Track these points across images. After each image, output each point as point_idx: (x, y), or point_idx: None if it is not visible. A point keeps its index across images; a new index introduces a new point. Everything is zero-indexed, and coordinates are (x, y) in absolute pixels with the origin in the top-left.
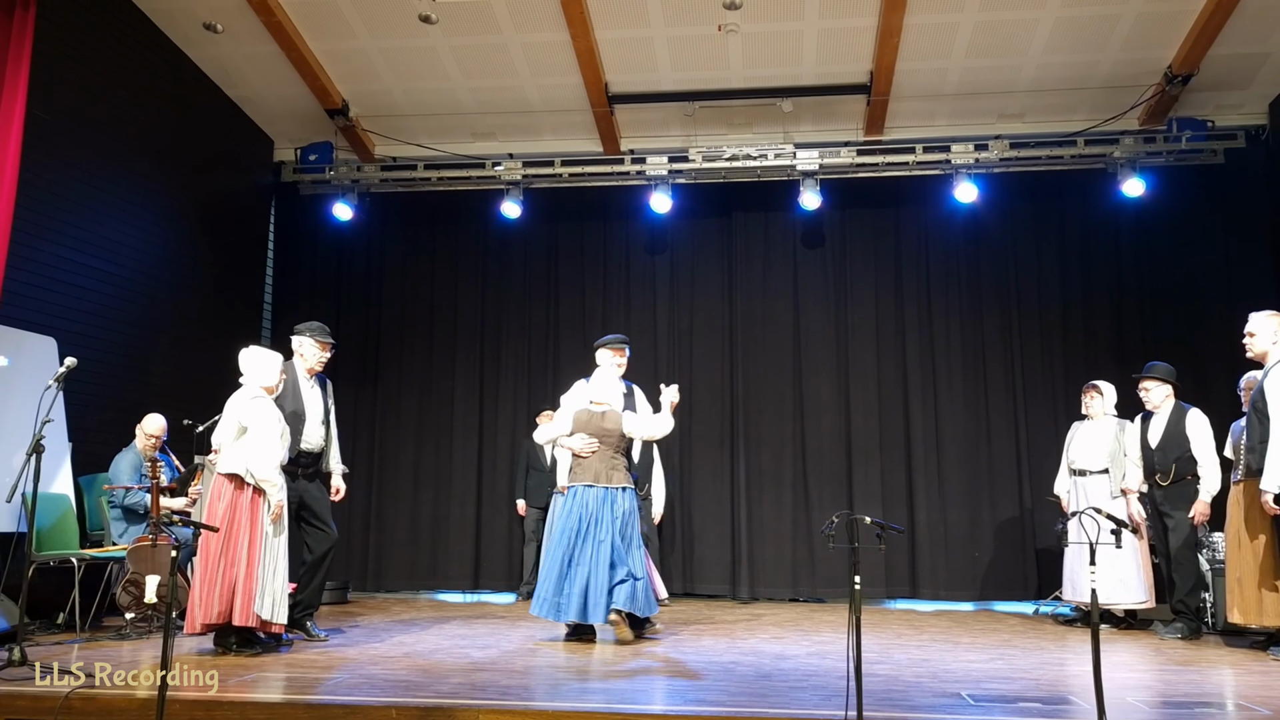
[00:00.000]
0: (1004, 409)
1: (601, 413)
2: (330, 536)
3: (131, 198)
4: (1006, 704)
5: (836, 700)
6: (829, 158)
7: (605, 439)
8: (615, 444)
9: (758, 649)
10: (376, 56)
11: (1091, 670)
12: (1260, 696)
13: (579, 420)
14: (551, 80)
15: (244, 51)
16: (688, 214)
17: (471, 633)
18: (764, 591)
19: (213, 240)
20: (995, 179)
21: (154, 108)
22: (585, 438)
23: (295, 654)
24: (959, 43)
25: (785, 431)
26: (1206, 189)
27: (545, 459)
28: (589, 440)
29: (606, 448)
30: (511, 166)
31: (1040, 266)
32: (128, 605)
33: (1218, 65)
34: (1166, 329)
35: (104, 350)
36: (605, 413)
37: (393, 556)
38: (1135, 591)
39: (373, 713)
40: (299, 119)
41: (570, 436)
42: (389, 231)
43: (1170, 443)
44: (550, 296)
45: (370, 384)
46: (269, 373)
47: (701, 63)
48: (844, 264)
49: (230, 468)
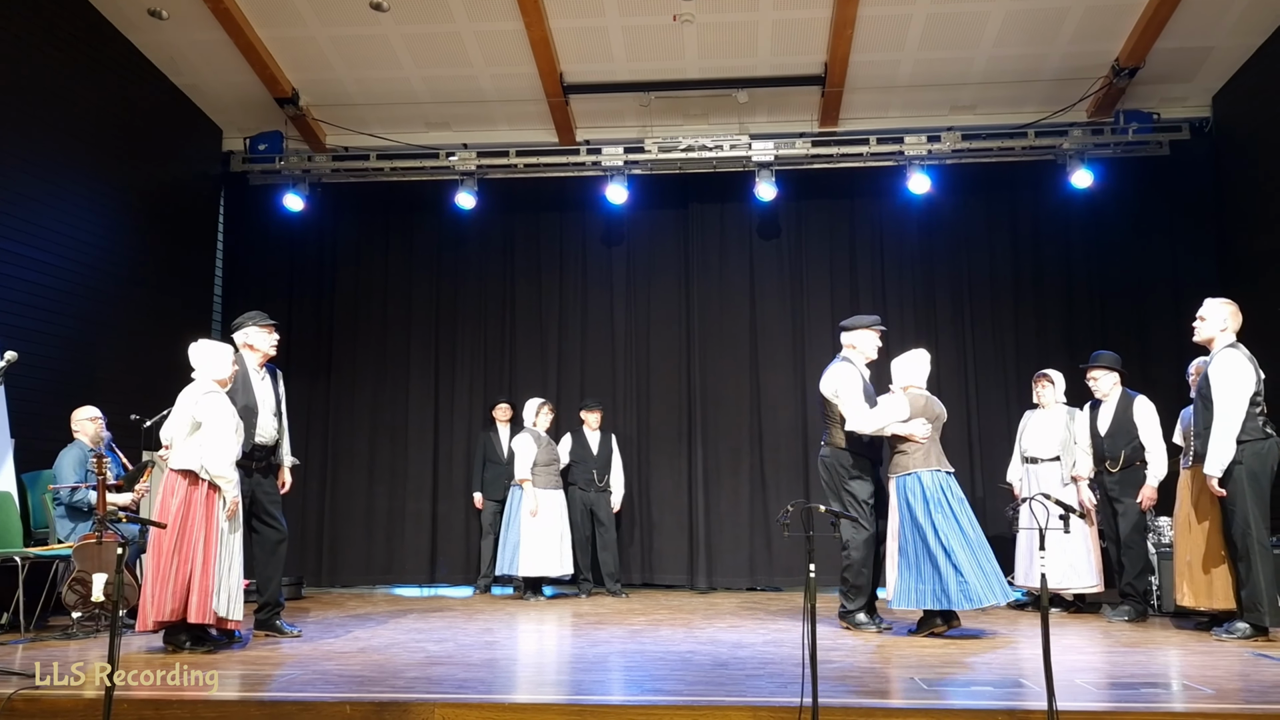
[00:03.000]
0: (956, 398)
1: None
2: (281, 531)
3: (73, 187)
4: (959, 688)
5: (792, 687)
6: (784, 149)
7: (937, 423)
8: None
9: (715, 638)
10: (327, 44)
11: (1042, 653)
12: (1204, 676)
13: (916, 405)
14: (506, 70)
15: (190, 38)
16: (644, 205)
17: (428, 626)
18: (722, 581)
19: (160, 231)
20: (948, 170)
21: (96, 96)
22: (924, 423)
23: (248, 651)
24: (912, 34)
25: (742, 422)
26: (1153, 180)
27: (502, 452)
28: (927, 425)
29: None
30: (466, 157)
31: (992, 257)
32: (74, 604)
33: (1163, 59)
34: (1115, 318)
35: (46, 344)
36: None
37: (348, 551)
38: (1084, 576)
39: (327, 709)
40: (248, 108)
41: (907, 421)
42: (342, 222)
43: (1118, 430)
44: (506, 288)
45: (324, 376)
46: (221, 366)
47: (657, 53)
48: (799, 255)
49: (184, 464)
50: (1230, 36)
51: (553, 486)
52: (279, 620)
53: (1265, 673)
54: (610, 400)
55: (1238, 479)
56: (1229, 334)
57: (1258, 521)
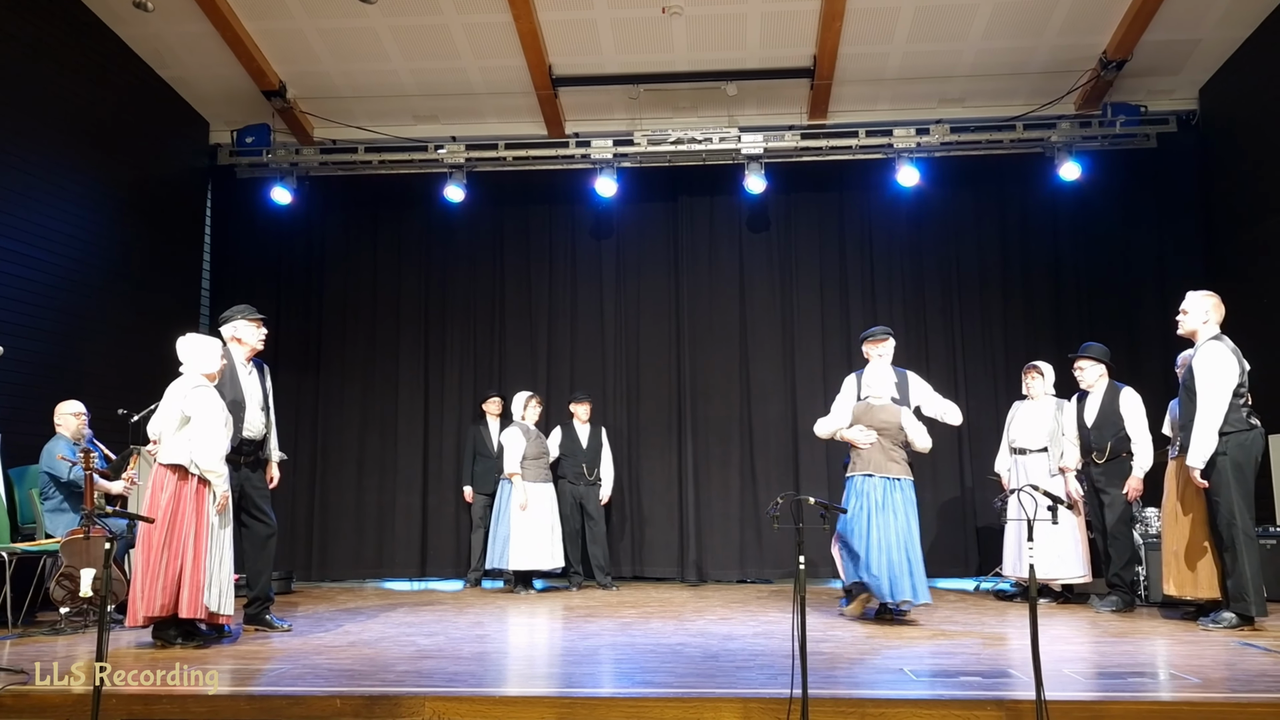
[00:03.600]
0: (945, 390)
1: (880, 405)
2: (270, 526)
3: (58, 180)
4: (948, 678)
5: (782, 679)
6: (773, 141)
7: (884, 430)
8: (894, 435)
9: (705, 630)
10: (314, 36)
11: (1030, 644)
12: (1191, 666)
13: (856, 412)
14: (494, 62)
15: (176, 30)
16: (633, 198)
17: (418, 620)
18: (712, 574)
19: (146, 225)
20: (936, 163)
21: (81, 89)
22: (863, 429)
23: (238, 645)
24: (900, 27)
25: (732, 415)
26: (1140, 173)
27: (492, 445)
28: (868, 432)
29: (885, 439)
30: (454, 150)
31: (980, 249)
32: (62, 600)
33: (1151, 51)
34: (1103, 309)
35: (32, 338)
36: (882, 405)
37: (338, 545)
38: (1072, 566)
39: (317, 703)
40: (234, 100)
41: (851, 428)
42: (330, 215)
43: (1105, 421)
44: (495, 282)
45: (313, 370)
46: (210, 360)
47: (646, 45)
48: (789, 248)
49: (173, 458)
50: (1217, 29)
51: (542, 480)
52: (269, 615)
53: (1251, 662)
54: (600, 393)
55: (1222, 470)
56: (1212, 326)
57: (1243, 512)
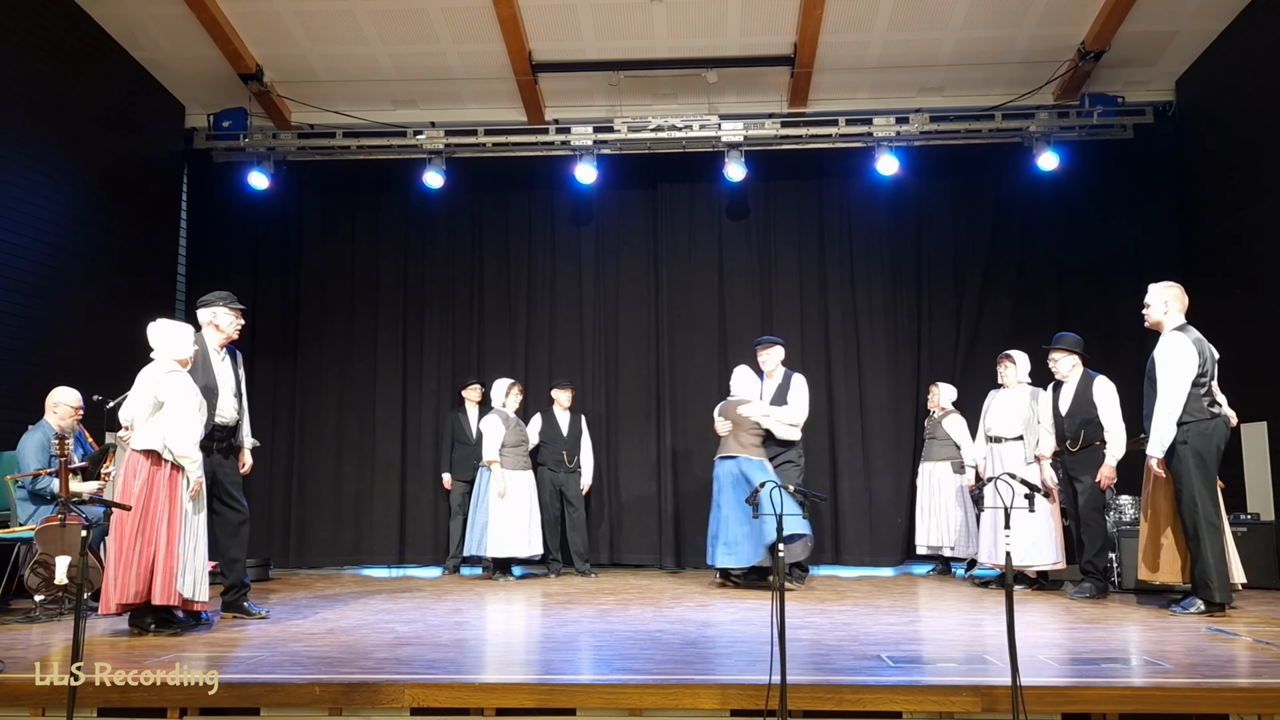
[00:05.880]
0: (924, 378)
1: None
2: (243, 513)
3: (32, 164)
4: (925, 664)
5: (760, 665)
6: (753, 129)
7: (738, 423)
8: (747, 426)
9: (684, 617)
10: (291, 19)
11: (1006, 630)
12: (1162, 651)
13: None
14: (473, 47)
15: (150, 12)
16: (613, 185)
17: (397, 607)
18: (690, 560)
19: (122, 209)
20: (916, 152)
21: (54, 70)
22: (721, 420)
23: (214, 633)
24: (880, 15)
25: (711, 402)
26: (1117, 163)
27: (471, 432)
28: (724, 423)
29: (739, 428)
30: (434, 135)
31: (959, 238)
32: (37, 587)
33: (1128, 42)
34: (1079, 299)
35: (4, 323)
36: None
37: (315, 532)
38: (1047, 553)
39: (295, 690)
40: (211, 84)
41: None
42: (307, 201)
43: (1078, 410)
44: (474, 268)
45: (290, 356)
46: (182, 345)
47: (626, 32)
48: (768, 236)
49: (146, 444)
50: (1194, 21)
51: (521, 467)
52: (246, 602)
53: (1220, 648)
54: (579, 380)
55: (1183, 458)
56: (1175, 316)
57: (1205, 500)
